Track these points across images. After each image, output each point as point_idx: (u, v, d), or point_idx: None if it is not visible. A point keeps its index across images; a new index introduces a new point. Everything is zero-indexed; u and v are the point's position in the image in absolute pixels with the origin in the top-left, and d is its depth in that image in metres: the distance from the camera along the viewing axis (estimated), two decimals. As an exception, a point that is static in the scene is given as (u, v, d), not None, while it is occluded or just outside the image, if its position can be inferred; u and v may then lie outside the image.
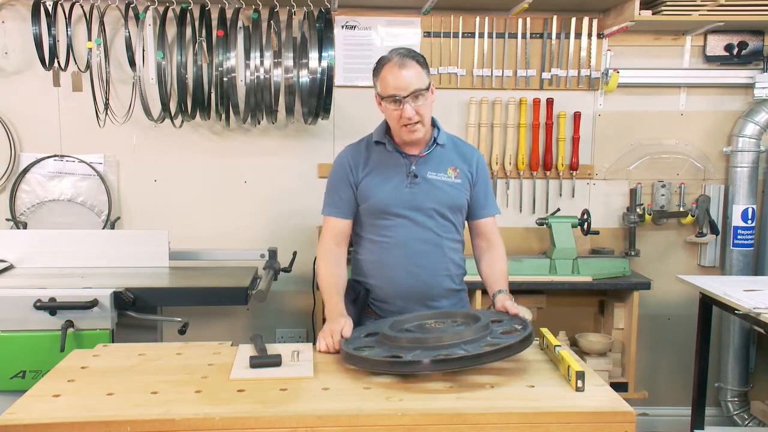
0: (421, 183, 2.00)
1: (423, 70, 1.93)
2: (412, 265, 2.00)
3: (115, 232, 3.02)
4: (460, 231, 2.09)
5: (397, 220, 2.00)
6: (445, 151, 2.06)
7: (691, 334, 3.04)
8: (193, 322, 2.55)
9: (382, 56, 1.97)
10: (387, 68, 1.92)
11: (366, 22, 3.15)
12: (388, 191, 2.00)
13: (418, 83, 1.90)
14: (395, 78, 1.89)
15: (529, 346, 1.62)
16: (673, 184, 3.31)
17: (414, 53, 1.95)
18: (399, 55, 1.92)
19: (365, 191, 2.02)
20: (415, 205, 1.99)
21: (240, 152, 3.19)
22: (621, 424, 1.39)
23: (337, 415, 1.38)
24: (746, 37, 3.20)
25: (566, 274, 3.03)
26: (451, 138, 2.12)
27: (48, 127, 3.10)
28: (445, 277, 2.05)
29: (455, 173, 2.04)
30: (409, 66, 1.90)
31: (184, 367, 1.66)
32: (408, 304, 2.01)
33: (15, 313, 2.27)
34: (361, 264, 2.10)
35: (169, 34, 2.93)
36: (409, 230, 2.00)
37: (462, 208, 2.06)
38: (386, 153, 2.04)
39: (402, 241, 2.00)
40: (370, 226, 2.05)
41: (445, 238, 2.03)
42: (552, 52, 3.20)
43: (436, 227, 2.01)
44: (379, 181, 2.02)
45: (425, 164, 2.02)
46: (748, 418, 3.33)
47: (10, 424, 1.33)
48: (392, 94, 1.90)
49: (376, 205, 2.01)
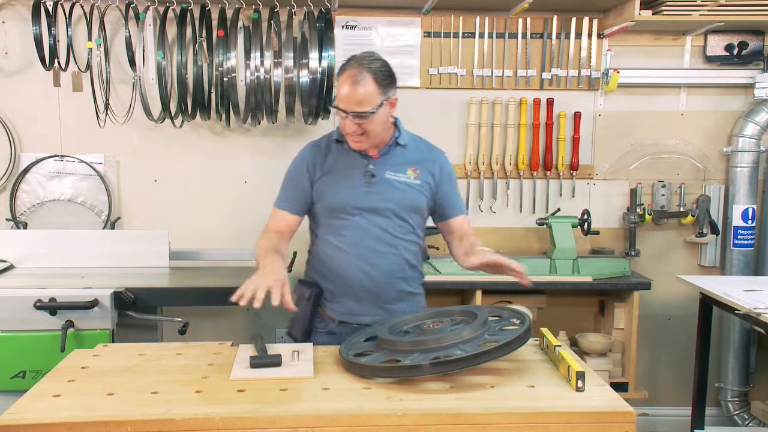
0: (378, 183, 1.97)
1: (378, 89, 1.86)
2: (366, 265, 1.97)
3: (115, 232, 3.02)
4: (418, 233, 2.06)
5: (353, 220, 1.97)
6: (406, 151, 2.03)
7: (691, 334, 3.04)
8: (193, 322, 2.55)
9: (350, 57, 1.92)
10: (343, 77, 1.87)
11: (366, 22, 3.15)
12: (345, 190, 1.98)
13: (363, 105, 1.84)
14: (344, 90, 1.85)
15: (527, 343, 1.61)
16: (674, 184, 3.31)
17: (376, 66, 1.87)
18: (359, 66, 1.86)
19: (322, 190, 2.00)
20: (371, 205, 1.96)
21: (240, 152, 3.19)
22: (621, 424, 1.39)
23: (337, 415, 1.38)
24: (746, 37, 3.20)
25: (566, 274, 3.03)
26: (414, 139, 2.09)
27: (48, 127, 3.10)
28: (399, 279, 2.01)
29: (415, 174, 2.01)
30: (362, 84, 1.84)
31: (184, 367, 1.66)
32: (361, 305, 1.98)
33: (15, 313, 2.27)
34: (315, 263, 2.07)
35: (169, 34, 2.93)
36: (365, 230, 1.97)
37: (421, 209, 2.03)
38: (345, 152, 2.01)
39: (356, 240, 1.97)
40: (326, 226, 2.02)
41: (402, 240, 2.00)
42: (552, 52, 3.19)
43: (392, 228, 1.98)
44: (337, 180, 1.99)
45: (384, 164, 2.00)
46: (748, 418, 3.33)
47: (10, 424, 1.33)
48: (339, 106, 1.88)
49: (332, 203, 1.99)
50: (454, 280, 2.97)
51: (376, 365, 1.57)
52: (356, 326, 2.00)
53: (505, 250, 3.27)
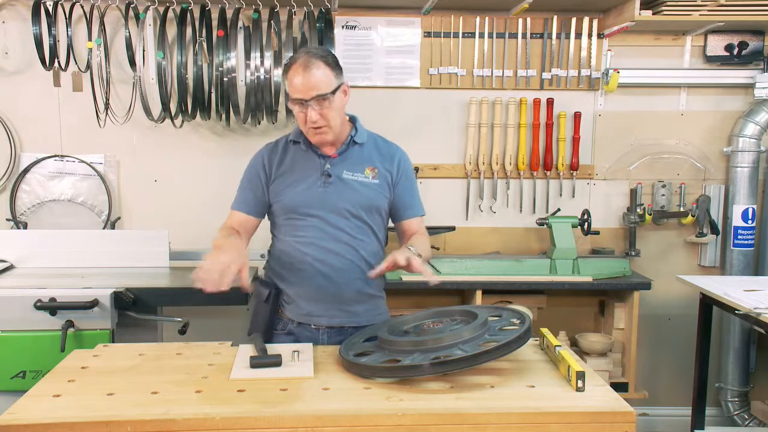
0: (335, 183, 1.95)
1: (332, 71, 1.85)
2: (323, 265, 1.94)
3: (115, 232, 3.02)
4: (378, 234, 2.02)
5: (310, 220, 1.95)
6: (364, 150, 2.01)
7: (691, 334, 3.04)
8: (193, 322, 2.55)
9: (293, 55, 1.91)
10: (293, 69, 1.84)
11: (366, 22, 3.15)
12: (301, 191, 1.96)
13: (321, 87, 1.82)
14: (299, 80, 1.82)
15: (527, 343, 1.61)
16: (674, 184, 3.31)
17: (324, 53, 1.87)
18: (307, 54, 1.84)
19: (277, 190, 1.99)
20: (328, 205, 1.94)
21: (240, 152, 3.18)
22: (621, 424, 1.39)
23: (337, 415, 1.38)
24: (746, 37, 3.20)
25: (566, 274, 3.03)
26: (373, 137, 2.07)
27: (48, 127, 3.10)
28: (358, 280, 1.97)
29: (373, 173, 1.98)
30: (314, 67, 1.82)
31: (184, 367, 1.66)
32: (320, 306, 1.96)
33: (15, 313, 2.27)
34: (273, 264, 2.06)
35: (170, 34, 2.93)
36: (322, 230, 1.95)
37: (379, 209, 2.00)
38: (301, 152, 2.00)
39: (313, 241, 1.95)
40: (284, 226, 2.00)
41: (360, 240, 1.97)
42: (552, 52, 3.19)
43: (350, 228, 1.96)
44: (293, 181, 1.98)
45: (341, 164, 1.97)
46: (748, 418, 3.33)
47: (10, 424, 1.33)
48: (296, 98, 1.85)
49: (288, 204, 1.97)
50: (454, 280, 2.96)
51: (376, 365, 1.57)
52: (314, 328, 1.98)
53: (505, 250, 3.28)
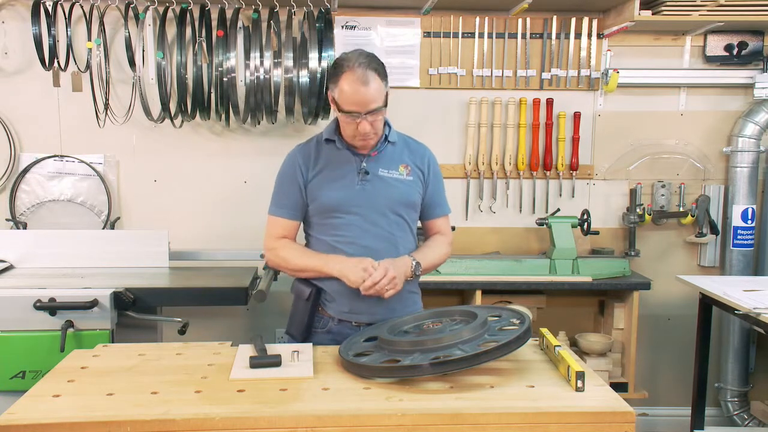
0: (372, 180, 1.98)
1: (383, 82, 1.87)
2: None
3: (115, 232, 3.02)
4: (413, 230, 2.06)
5: (349, 218, 1.96)
6: (396, 148, 2.04)
7: (691, 334, 3.04)
8: (193, 322, 2.55)
9: (343, 58, 1.88)
10: (347, 80, 1.83)
11: (366, 22, 3.15)
12: (339, 189, 1.97)
13: (377, 101, 1.85)
14: (355, 94, 1.83)
15: (527, 343, 1.61)
16: (673, 184, 3.31)
17: (376, 62, 1.87)
18: (361, 66, 1.83)
19: (315, 190, 1.99)
20: (366, 203, 1.96)
21: (240, 152, 3.19)
22: (621, 424, 1.39)
23: (337, 415, 1.38)
24: (746, 37, 3.20)
25: (566, 274, 3.03)
26: (402, 136, 2.10)
27: (48, 127, 3.10)
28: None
29: (407, 170, 2.02)
30: (371, 81, 1.83)
31: (184, 367, 1.66)
32: (362, 303, 1.96)
33: (15, 313, 2.27)
34: None
35: (169, 34, 2.93)
36: (361, 228, 1.96)
37: (415, 204, 2.04)
38: (336, 151, 2.01)
39: (354, 240, 1.96)
40: (321, 226, 2.01)
41: (399, 236, 2.00)
42: (552, 52, 3.19)
43: (389, 225, 1.98)
44: (330, 180, 1.98)
45: (376, 162, 2.00)
46: (748, 418, 3.33)
47: (10, 424, 1.33)
48: (351, 111, 1.85)
49: (327, 203, 1.98)
50: (454, 280, 2.97)
51: (376, 365, 1.57)
52: (354, 325, 2.00)
53: (504, 250, 3.28)
